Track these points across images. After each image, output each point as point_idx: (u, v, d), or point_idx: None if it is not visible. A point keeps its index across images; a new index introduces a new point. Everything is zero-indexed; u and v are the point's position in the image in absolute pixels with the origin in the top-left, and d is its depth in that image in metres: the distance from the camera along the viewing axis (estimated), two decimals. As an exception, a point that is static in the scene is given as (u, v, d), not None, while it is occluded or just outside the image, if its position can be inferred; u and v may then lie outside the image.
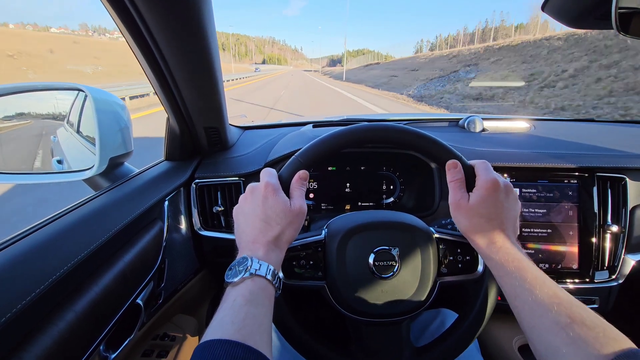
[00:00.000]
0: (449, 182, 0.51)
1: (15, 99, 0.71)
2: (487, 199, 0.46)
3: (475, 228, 0.47)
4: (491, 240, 0.46)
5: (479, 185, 0.48)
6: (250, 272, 0.40)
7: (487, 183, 0.47)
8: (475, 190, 0.48)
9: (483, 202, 0.46)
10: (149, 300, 0.68)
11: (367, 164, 1.00)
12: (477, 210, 0.47)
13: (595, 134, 1.10)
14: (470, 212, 0.47)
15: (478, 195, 0.47)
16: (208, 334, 0.34)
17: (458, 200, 0.49)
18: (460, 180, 0.50)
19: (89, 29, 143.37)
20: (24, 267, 0.43)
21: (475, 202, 0.47)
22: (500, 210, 0.47)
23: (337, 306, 0.53)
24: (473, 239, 0.48)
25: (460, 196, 0.49)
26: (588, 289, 0.82)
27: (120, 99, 0.76)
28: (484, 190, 0.47)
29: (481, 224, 0.47)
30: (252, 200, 0.46)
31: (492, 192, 0.46)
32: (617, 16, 0.41)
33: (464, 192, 0.49)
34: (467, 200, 0.48)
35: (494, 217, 0.46)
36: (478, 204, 0.47)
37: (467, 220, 0.48)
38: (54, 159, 0.87)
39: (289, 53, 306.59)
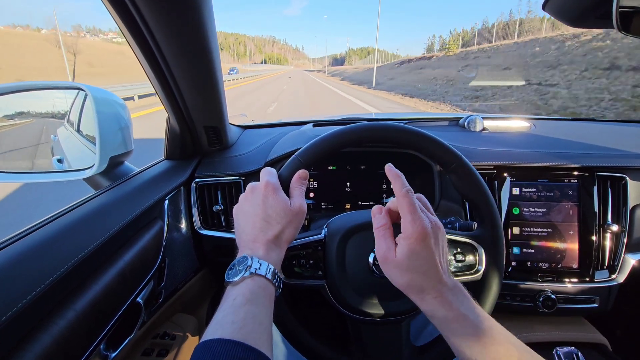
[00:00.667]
0: (374, 229, 0.45)
1: (16, 98, 0.71)
2: (417, 252, 0.40)
3: (410, 285, 0.42)
4: (424, 292, 0.41)
5: (405, 236, 0.41)
6: (251, 271, 0.40)
7: (414, 234, 0.40)
8: (401, 241, 0.42)
9: (412, 255, 0.40)
10: (149, 299, 0.68)
11: (368, 163, 1.00)
12: (408, 265, 0.41)
13: (595, 134, 1.10)
14: (401, 267, 0.41)
15: (405, 247, 0.41)
16: (208, 334, 0.34)
17: (384, 253, 0.43)
18: (384, 227, 0.44)
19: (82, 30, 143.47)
20: (24, 266, 0.43)
21: (403, 255, 0.41)
22: (433, 258, 0.41)
23: (337, 305, 0.53)
24: (412, 297, 0.43)
25: (385, 247, 0.43)
26: (588, 288, 0.82)
27: (121, 98, 0.76)
28: (412, 241, 0.40)
29: (416, 280, 0.41)
30: (252, 199, 0.46)
31: (421, 242, 0.40)
32: (618, 15, 0.41)
33: (389, 242, 0.43)
34: (394, 252, 0.42)
35: (429, 268, 0.41)
36: (408, 258, 0.41)
37: (399, 277, 0.42)
38: (54, 158, 0.87)
39: (289, 52, 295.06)
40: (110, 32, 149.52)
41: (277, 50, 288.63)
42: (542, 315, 0.83)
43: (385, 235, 0.44)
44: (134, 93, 10.47)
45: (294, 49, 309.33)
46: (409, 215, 0.41)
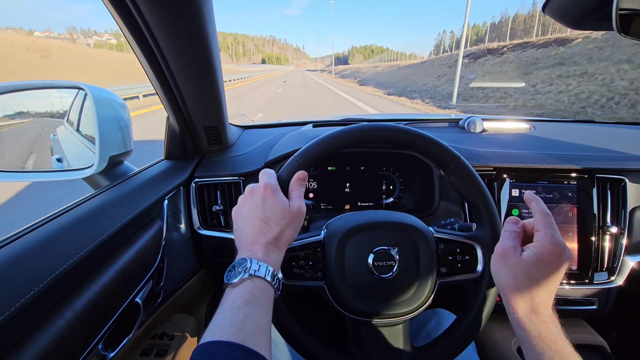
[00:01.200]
0: (504, 232, 0.47)
1: (15, 97, 0.71)
2: (546, 262, 0.41)
3: (518, 287, 0.42)
4: (534, 308, 0.40)
5: (541, 244, 0.41)
6: (250, 273, 0.40)
7: (552, 245, 0.41)
8: (532, 247, 0.42)
9: (539, 262, 0.41)
10: (147, 299, 0.68)
11: (367, 164, 1.00)
12: (528, 269, 0.41)
13: (595, 135, 1.10)
14: (519, 267, 0.42)
15: (535, 253, 0.41)
16: (207, 336, 0.34)
17: (507, 249, 0.44)
18: (516, 233, 0.46)
19: (77, 31, 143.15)
20: (23, 266, 0.43)
21: (529, 259, 0.41)
22: (554, 278, 0.41)
23: (336, 306, 0.53)
24: (511, 299, 0.42)
25: (512, 245, 0.44)
26: (587, 290, 0.82)
27: (121, 98, 0.76)
28: (546, 250, 0.41)
29: (527, 286, 0.41)
30: (251, 201, 0.46)
31: (554, 257, 0.40)
32: (618, 17, 0.41)
33: (517, 243, 0.45)
34: (519, 253, 0.43)
35: (545, 284, 0.41)
36: (532, 263, 0.41)
37: (510, 275, 0.42)
38: (53, 157, 0.87)
39: (290, 52, 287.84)
40: (106, 33, 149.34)
41: (277, 50, 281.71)
42: None
43: (516, 238, 0.45)
44: (138, 92, 10.64)
45: (295, 49, 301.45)
46: (550, 230, 0.42)
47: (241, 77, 29.83)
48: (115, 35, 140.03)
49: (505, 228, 0.48)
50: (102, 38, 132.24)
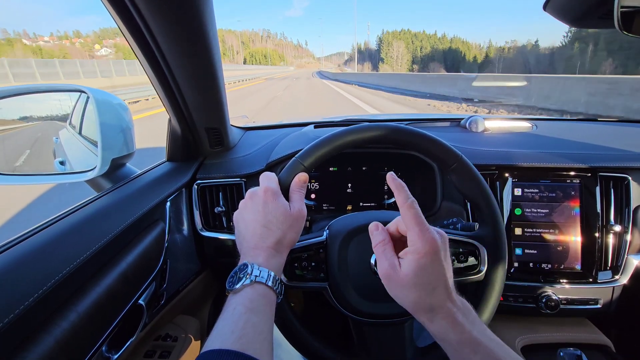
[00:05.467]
0: (373, 246, 0.43)
1: (18, 101, 0.71)
2: (426, 267, 0.37)
3: (418, 304, 0.38)
4: (442, 315, 0.38)
5: (413, 250, 0.38)
6: (251, 279, 0.40)
7: (423, 248, 0.37)
8: (408, 256, 0.39)
9: (421, 270, 0.37)
10: (151, 301, 0.68)
11: (369, 164, 0.99)
12: (415, 282, 0.38)
13: (597, 134, 1.09)
14: (407, 284, 0.38)
15: (413, 262, 0.38)
16: (208, 344, 0.34)
17: (386, 270, 0.40)
18: (383, 242, 0.42)
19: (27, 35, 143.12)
20: (27, 268, 0.43)
21: (410, 271, 0.38)
22: (443, 274, 0.38)
23: (339, 307, 0.53)
24: (420, 318, 0.39)
25: (387, 264, 0.40)
26: (591, 289, 0.82)
27: (123, 101, 0.77)
28: (421, 256, 0.37)
29: (424, 298, 0.38)
30: (252, 205, 0.46)
31: (431, 257, 0.38)
32: (620, 15, 0.41)
33: (391, 258, 0.40)
34: (398, 269, 0.39)
35: (438, 285, 0.38)
36: (415, 274, 0.38)
37: (406, 295, 0.39)
38: (56, 160, 0.88)
39: (289, 49, 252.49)
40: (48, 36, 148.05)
41: (272, 47, 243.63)
42: (545, 317, 0.83)
43: (386, 251, 0.41)
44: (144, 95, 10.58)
45: (296, 46, 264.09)
46: (416, 227, 0.38)
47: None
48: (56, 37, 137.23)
49: (372, 242, 0.43)
50: (48, 42, 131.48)
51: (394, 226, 0.44)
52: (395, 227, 0.44)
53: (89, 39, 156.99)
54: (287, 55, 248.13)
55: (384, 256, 0.41)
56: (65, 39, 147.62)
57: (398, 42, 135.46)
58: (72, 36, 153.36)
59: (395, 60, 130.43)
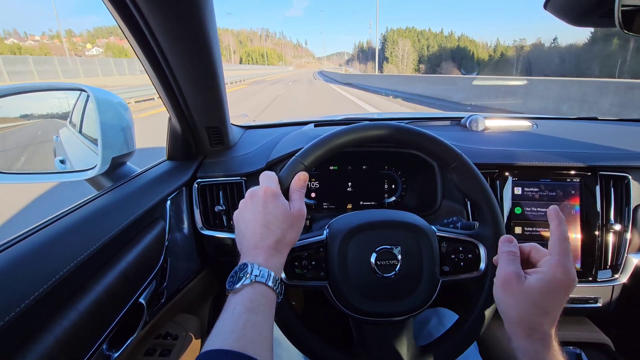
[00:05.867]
0: (500, 253, 0.45)
1: (19, 100, 0.71)
2: (554, 291, 0.39)
3: (524, 318, 0.40)
4: (542, 340, 0.39)
5: (552, 272, 0.39)
6: (251, 278, 0.40)
7: (564, 275, 0.38)
8: (541, 273, 0.40)
9: (548, 291, 0.39)
10: (151, 300, 0.68)
11: (369, 163, 0.99)
12: (534, 298, 0.39)
13: (597, 133, 1.09)
14: (524, 295, 0.39)
15: (544, 281, 0.39)
16: (208, 344, 0.34)
17: (508, 276, 0.41)
18: (514, 254, 0.44)
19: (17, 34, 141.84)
20: (27, 267, 0.43)
21: (537, 287, 0.39)
22: (561, 305, 0.40)
23: (339, 306, 0.53)
24: (516, 330, 0.41)
25: (513, 271, 0.41)
26: (591, 288, 0.82)
27: (123, 99, 0.77)
28: (557, 280, 0.39)
29: (533, 316, 0.39)
30: (252, 205, 0.46)
31: (563, 289, 0.39)
32: (620, 14, 0.41)
33: (518, 267, 0.42)
34: (523, 280, 0.40)
35: (552, 312, 0.39)
36: (540, 291, 0.39)
37: (514, 304, 0.40)
38: (56, 158, 0.88)
39: (289, 49, 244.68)
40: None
41: (271, 46, 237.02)
42: None
43: (515, 261, 0.43)
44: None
45: (295, 45, 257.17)
46: (564, 257, 0.39)
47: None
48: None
49: (501, 249, 0.45)
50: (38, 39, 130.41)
51: (528, 249, 0.46)
52: (529, 251, 0.45)
53: (79, 39, 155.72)
54: (286, 54, 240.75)
55: (511, 263, 0.42)
56: (56, 38, 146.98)
57: (404, 40, 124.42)
58: (65, 35, 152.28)
59: (400, 60, 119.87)
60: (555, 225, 0.43)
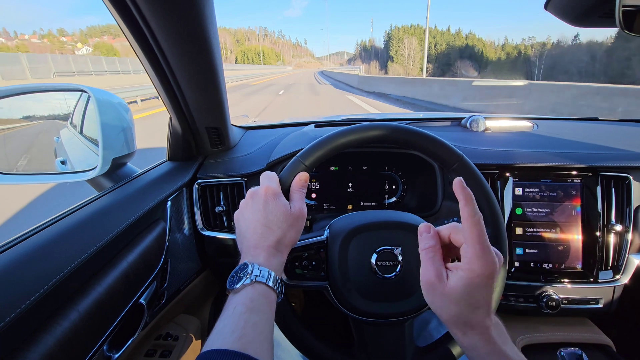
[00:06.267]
0: (419, 251, 0.41)
1: (20, 101, 0.72)
2: (478, 287, 0.36)
3: (456, 318, 0.38)
4: (478, 331, 0.37)
5: (469, 268, 0.36)
6: (251, 278, 0.40)
7: (481, 269, 0.35)
8: (459, 272, 0.37)
9: (472, 289, 0.36)
10: (152, 300, 0.68)
11: (369, 164, 0.99)
12: (461, 298, 0.36)
13: (598, 133, 1.09)
14: (452, 297, 0.37)
15: (466, 280, 0.36)
16: (208, 344, 0.34)
17: (431, 278, 0.38)
18: (433, 249, 0.40)
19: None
20: (28, 268, 0.43)
21: (459, 287, 0.36)
22: (490, 295, 0.37)
23: (339, 306, 0.53)
24: (453, 330, 0.40)
25: (434, 272, 0.38)
26: (592, 289, 0.82)
27: (124, 100, 0.77)
28: (476, 276, 0.36)
29: (465, 314, 0.37)
30: (253, 205, 0.46)
31: (486, 279, 0.36)
32: (621, 14, 0.41)
33: (439, 266, 0.38)
34: (445, 280, 0.37)
35: (483, 305, 0.37)
36: (464, 291, 0.36)
37: (446, 307, 0.38)
38: (57, 159, 0.88)
39: (287, 48, 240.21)
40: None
41: (269, 45, 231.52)
42: (546, 316, 0.83)
43: (435, 258, 0.39)
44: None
45: (294, 45, 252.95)
46: (477, 246, 0.36)
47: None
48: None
49: (420, 244, 0.41)
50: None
51: (446, 232, 0.41)
52: (448, 234, 0.41)
53: (70, 38, 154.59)
54: (285, 54, 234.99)
55: (431, 263, 0.39)
56: (48, 37, 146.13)
57: (410, 38, 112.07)
58: (57, 34, 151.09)
59: (407, 59, 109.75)
60: (462, 205, 0.38)
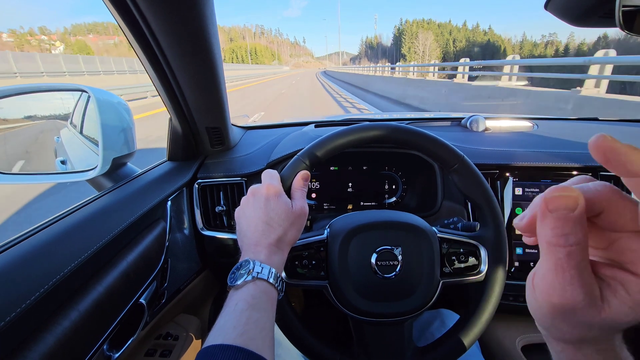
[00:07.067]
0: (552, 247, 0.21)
1: (20, 100, 0.72)
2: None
3: (584, 340, 0.24)
4: (600, 347, 0.24)
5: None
6: (252, 275, 0.40)
7: None
8: (630, 284, 0.20)
9: (630, 316, 0.21)
10: (152, 300, 0.68)
11: (369, 164, 0.99)
12: (617, 326, 0.22)
13: (598, 133, 1.09)
14: (598, 326, 0.22)
15: (634, 309, 0.20)
16: (210, 339, 0.34)
17: (575, 301, 0.21)
18: (581, 249, 0.20)
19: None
20: (28, 267, 0.43)
21: (627, 318, 0.21)
22: None
23: (339, 306, 0.53)
24: (565, 347, 0.25)
25: (581, 291, 0.20)
26: None
27: (124, 100, 0.77)
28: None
29: (602, 337, 0.23)
30: (254, 202, 0.46)
31: None
32: (621, 14, 0.41)
33: (588, 279, 0.21)
34: (599, 307, 0.21)
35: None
36: (624, 316, 0.21)
37: (576, 333, 0.23)
38: (57, 159, 0.88)
39: (285, 47, 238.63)
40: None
41: (266, 44, 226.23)
42: None
43: (582, 265, 0.20)
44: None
45: (293, 43, 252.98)
46: None
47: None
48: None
49: (549, 236, 0.21)
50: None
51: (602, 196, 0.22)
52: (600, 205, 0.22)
53: (54, 36, 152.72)
54: (282, 53, 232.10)
55: (577, 273, 0.20)
56: (30, 35, 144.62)
57: (425, 33, 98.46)
58: (38, 33, 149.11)
59: (421, 57, 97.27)
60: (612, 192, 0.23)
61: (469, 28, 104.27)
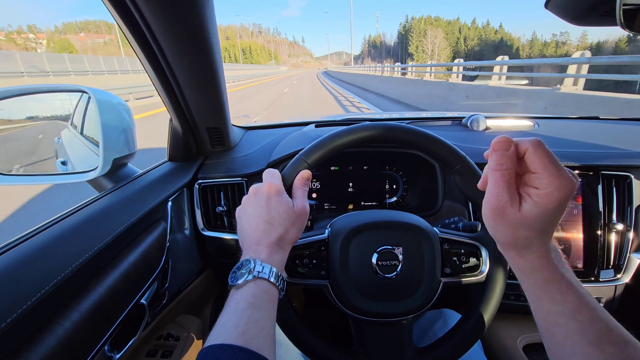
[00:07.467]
0: (492, 170, 0.35)
1: (20, 101, 0.72)
2: (552, 213, 0.33)
3: (518, 243, 0.35)
4: (537, 254, 0.35)
5: (546, 193, 0.32)
6: (253, 274, 0.40)
7: (559, 192, 0.32)
8: (535, 197, 0.33)
9: (545, 216, 0.33)
10: (153, 301, 0.68)
11: (370, 164, 0.99)
12: (531, 224, 0.33)
13: (599, 132, 1.09)
14: (520, 224, 0.34)
15: (542, 207, 0.33)
16: (211, 339, 0.34)
17: (501, 204, 0.34)
18: (509, 172, 0.34)
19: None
20: (29, 268, 0.43)
21: (532, 215, 0.33)
22: (560, 218, 0.34)
23: (340, 305, 0.53)
24: (510, 253, 0.37)
25: (507, 198, 0.34)
26: (593, 288, 0.82)
27: (124, 100, 0.77)
28: (553, 201, 0.32)
29: (529, 239, 0.35)
30: (255, 201, 0.46)
31: (562, 204, 0.32)
32: (622, 13, 0.41)
33: (513, 192, 0.34)
34: (517, 208, 0.34)
35: (550, 230, 0.35)
36: (537, 217, 0.33)
37: (509, 233, 0.35)
38: (58, 160, 0.88)
39: (284, 47, 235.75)
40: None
41: (263, 43, 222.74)
42: None
43: (510, 182, 0.34)
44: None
45: (291, 43, 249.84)
46: (551, 168, 0.32)
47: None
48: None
49: (492, 164, 0.35)
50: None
51: (526, 146, 0.34)
52: (526, 148, 0.34)
53: (43, 35, 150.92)
54: (281, 53, 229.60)
55: (505, 188, 0.34)
56: (20, 33, 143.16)
57: (434, 30, 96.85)
58: (27, 31, 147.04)
59: (430, 56, 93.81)
60: (524, 140, 0.34)
61: (478, 26, 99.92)
